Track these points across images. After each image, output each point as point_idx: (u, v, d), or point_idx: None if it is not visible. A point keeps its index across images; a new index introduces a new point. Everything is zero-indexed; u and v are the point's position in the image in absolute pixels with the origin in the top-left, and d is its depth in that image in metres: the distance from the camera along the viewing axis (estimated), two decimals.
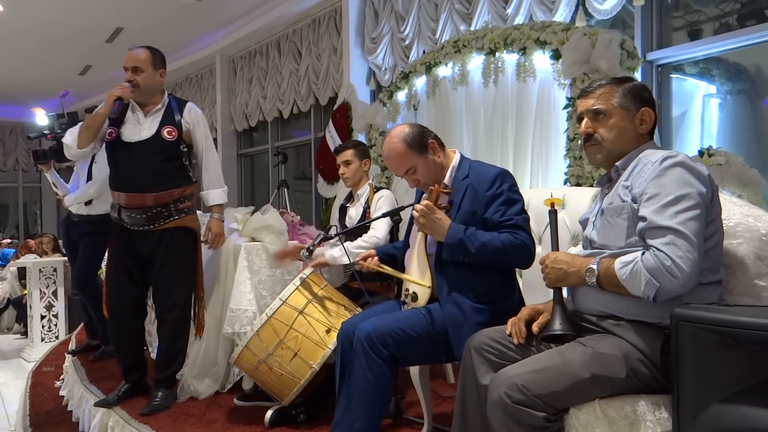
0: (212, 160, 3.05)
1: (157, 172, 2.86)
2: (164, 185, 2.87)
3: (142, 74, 2.87)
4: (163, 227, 2.91)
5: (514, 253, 2.04)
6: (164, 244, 2.92)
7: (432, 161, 2.21)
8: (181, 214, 2.94)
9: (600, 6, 3.80)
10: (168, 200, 2.89)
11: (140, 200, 2.86)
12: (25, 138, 12.39)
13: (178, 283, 2.96)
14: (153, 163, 2.85)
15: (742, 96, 3.69)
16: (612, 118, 1.73)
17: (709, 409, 1.29)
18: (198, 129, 2.98)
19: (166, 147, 2.88)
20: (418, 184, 2.26)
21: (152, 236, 2.92)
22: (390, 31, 5.66)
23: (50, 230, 10.19)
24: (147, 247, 2.94)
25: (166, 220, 2.91)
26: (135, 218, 2.89)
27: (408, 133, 2.20)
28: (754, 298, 1.65)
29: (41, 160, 4.19)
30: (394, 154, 2.20)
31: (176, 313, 2.97)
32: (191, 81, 9.45)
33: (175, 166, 2.92)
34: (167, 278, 2.95)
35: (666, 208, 1.51)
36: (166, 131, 2.88)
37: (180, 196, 2.93)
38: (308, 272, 2.63)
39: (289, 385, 2.49)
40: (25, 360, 5.38)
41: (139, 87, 2.87)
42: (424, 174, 2.21)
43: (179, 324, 3.00)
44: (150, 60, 2.90)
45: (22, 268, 6.56)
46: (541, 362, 1.56)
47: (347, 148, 3.31)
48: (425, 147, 2.20)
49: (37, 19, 7.10)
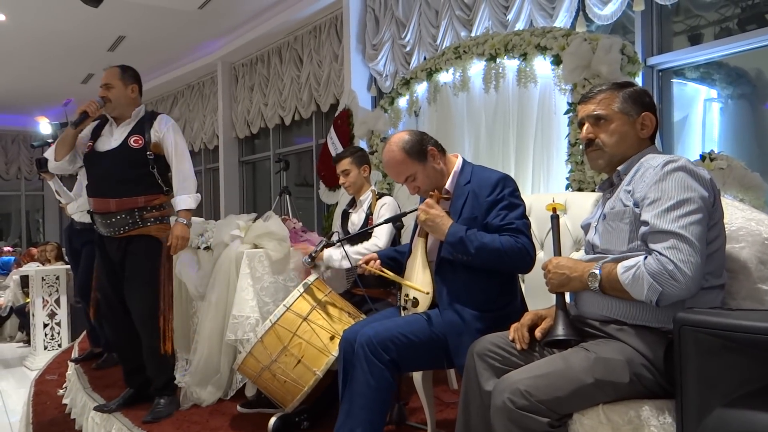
0: (183, 167, 3.05)
1: (121, 179, 2.92)
2: (128, 192, 2.92)
3: (112, 90, 2.99)
4: (127, 234, 2.96)
5: (514, 257, 2.03)
6: (129, 252, 2.98)
7: (431, 168, 2.21)
8: (146, 223, 2.97)
9: (600, 11, 3.81)
10: (132, 207, 2.93)
11: (105, 205, 2.93)
12: (28, 146, 12.43)
13: (142, 291, 2.97)
14: (118, 170, 2.93)
15: (743, 100, 3.69)
16: (613, 123, 1.73)
17: (713, 414, 1.29)
18: (167, 137, 3.03)
19: (131, 154, 2.95)
20: (419, 191, 2.26)
21: (117, 243, 2.99)
22: (391, 37, 5.67)
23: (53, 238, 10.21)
24: (115, 254, 3.01)
25: (131, 227, 2.95)
26: (102, 223, 2.97)
27: (407, 141, 2.20)
28: (757, 302, 1.64)
29: (44, 168, 4.18)
30: (393, 162, 2.21)
31: (140, 321, 2.98)
32: (193, 89, 9.48)
33: (141, 173, 2.96)
34: (130, 286, 2.98)
35: (668, 212, 1.51)
36: (132, 140, 2.97)
37: (146, 204, 2.97)
38: (312, 279, 2.63)
39: (293, 392, 2.48)
40: (27, 368, 5.37)
41: (110, 101, 2.98)
42: (423, 181, 2.22)
43: (147, 332, 2.99)
44: (119, 76, 3.02)
45: (25, 277, 6.57)
46: (545, 368, 1.56)
47: (344, 157, 3.32)
48: (424, 155, 2.20)
49: (39, 29, 7.14)
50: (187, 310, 3.53)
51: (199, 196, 3.10)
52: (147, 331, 2.98)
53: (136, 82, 3.08)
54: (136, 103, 3.08)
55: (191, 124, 9.49)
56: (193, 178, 3.07)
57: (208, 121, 9.08)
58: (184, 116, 9.63)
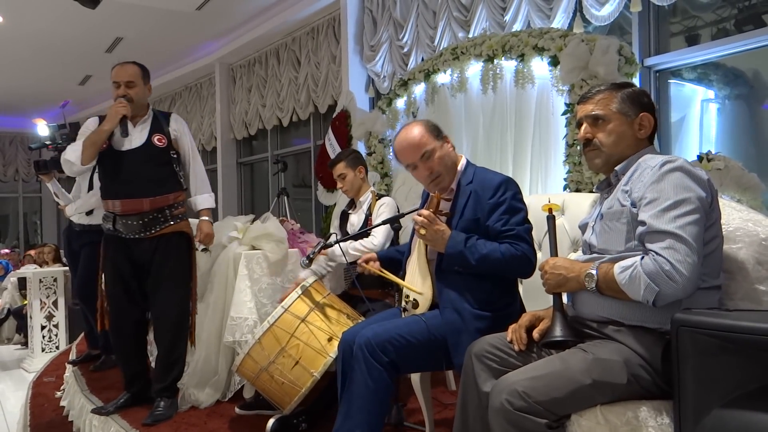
0: (199, 166, 3.16)
1: (151, 178, 2.93)
2: (159, 190, 2.94)
3: (135, 88, 2.96)
4: (160, 233, 2.95)
5: (515, 264, 2.04)
6: (161, 250, 2.96)
7: (447, 152, 2.21)
8: (176, 219, 3.00)
9: (597, 12, 3.81)
10: (163, 205, 2.95)
11: (137, 206, 2.90)
12: (26, 148, 12.41)
13: (174, 288, 2.98)
14: (146, 170, 2.93)
15: (740, 101, 3.70)
16: (611, 124, 1.74)
17: (710, 415, 1.29)
18: (184, 137, 3.10)
19: (158, 153, 2.97)
20: (431, 173, 2.19)
21: (148, 243, 2.96)
22: (388, 38, 5.68)
23: (50, 240, 10.19)
24: (144, 255, 2.97)
25: (162, 225, 2.96)
26: (131, 225, 2.92)
27: (426, 121, 2.24)
28: (754, 303, 1.65)
29: (43, 170, 4.20)
30: (411, 137, 2.17)
31: (173, 320, 2.99)
32: (191, 90, 9.47)
33: (167, 172, 3.00)
34: (163, 284, 2.97)
35: (665, 212, 1.51)
36: (156, 138, 2.97)
37: (174, 202, 3.01)
38: (311, 280, 2.63)
39: (291, 394, 2.48)
40: (25, 370, 5.37)
41: (132, 101, 2.94)
42: (438, 162, 2.17)
43: (176, 330, 3.00)
44: (141, 75, 3.01)
45: (23, 279, 6.56)
46: (542, 368, 1.56)
47: (338, 161, 3.31)
48: (442, 137, 2.22)
49: (36, 30, 7.13)
50: None
51: (213, 194, 3.21)
52: (173, 330, 2.99)
53: (149, 81, 3.11)
54: (147, 102, 3.10)
55: (189, 125, 9.40)
56: (207, 178, 3.19)
57: (206, 123, 9.08)
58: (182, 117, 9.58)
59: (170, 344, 3.00)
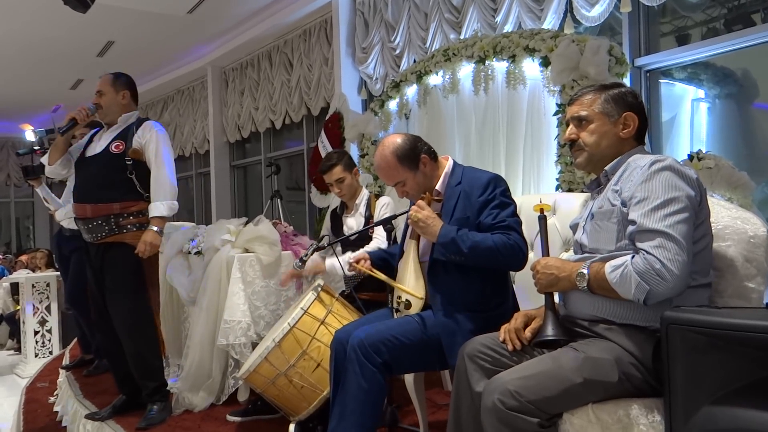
0: (162, 173, 2.98)
1: (99, 184, 2.93)
2: (104, 197, 2.91)
3: (104, 96, 3.01)
4: (104, 241, 2.95)
5: (507, 254, 2.04)
6: (108, 259, 2.96)
7: (422, 175, 2.22)
8: (122, 230, 2.94)
9: (588, 13, 3.83)
10: (107, 213, 2.92)
11: (82, 211, 2.95)
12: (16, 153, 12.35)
13: (123, 299, 2.94)
14: (97, 176, 2.94)
15: (730, 100, 3.72)
16: (592, 124, 1.77)
17: (700, 411, 1.30)
18: (150, 144, 2.99)
19: (111, 159, 2.95)
20: (407, 195, 2.27)
21: (97, 249, 2.98)
22: (380, 40, 5.69)
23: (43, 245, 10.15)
24: (95, 261, 3.00)
25: (107, 234, 2.94)
26: (82, 228, 2.99)
27: (399, 146, 2.19)
28: (744, 300, 1.66)
29: (31, 175, 4.19)
30: (384, 166, 2.22)
31: (129, 330, 2.95)
32: (183, 93, 9.46)
33: (119, 179, 2.95)
34: (111, 292, 2.96)
35: (655, 211, 1.52)
36: (114, 145, 2.97)
37: (122, 211, 2.94)
38: (322, 282, 2.59)
39: (310, 398, 2.41)
40: (18, 376, 5.33)
41: (102, 108, 3.00)
42: (412, 187, 2.23)
43: (136, 338, 2.96)
44: (111, 82, 3.04)
45: (15, 284, 6.53)
46: (534, 368, 1.57)
47: (334, 165, 3.14)
48: (416, 162, 2.20)
49: (28, 34, 7.10)
50: (179, 315, 3.51)
51: (175, 204, 3.02)
52: (132, 339, 2.95)
53: (128, 88, 3.08)
54: (127, 109, 3.07)
55: (182, 128, 9.46)
56: (170, 186, 2.99)
57: (198, 126, 9.06)
58: (175, 121, 9.60)
59: (134, 352, 2.97)
